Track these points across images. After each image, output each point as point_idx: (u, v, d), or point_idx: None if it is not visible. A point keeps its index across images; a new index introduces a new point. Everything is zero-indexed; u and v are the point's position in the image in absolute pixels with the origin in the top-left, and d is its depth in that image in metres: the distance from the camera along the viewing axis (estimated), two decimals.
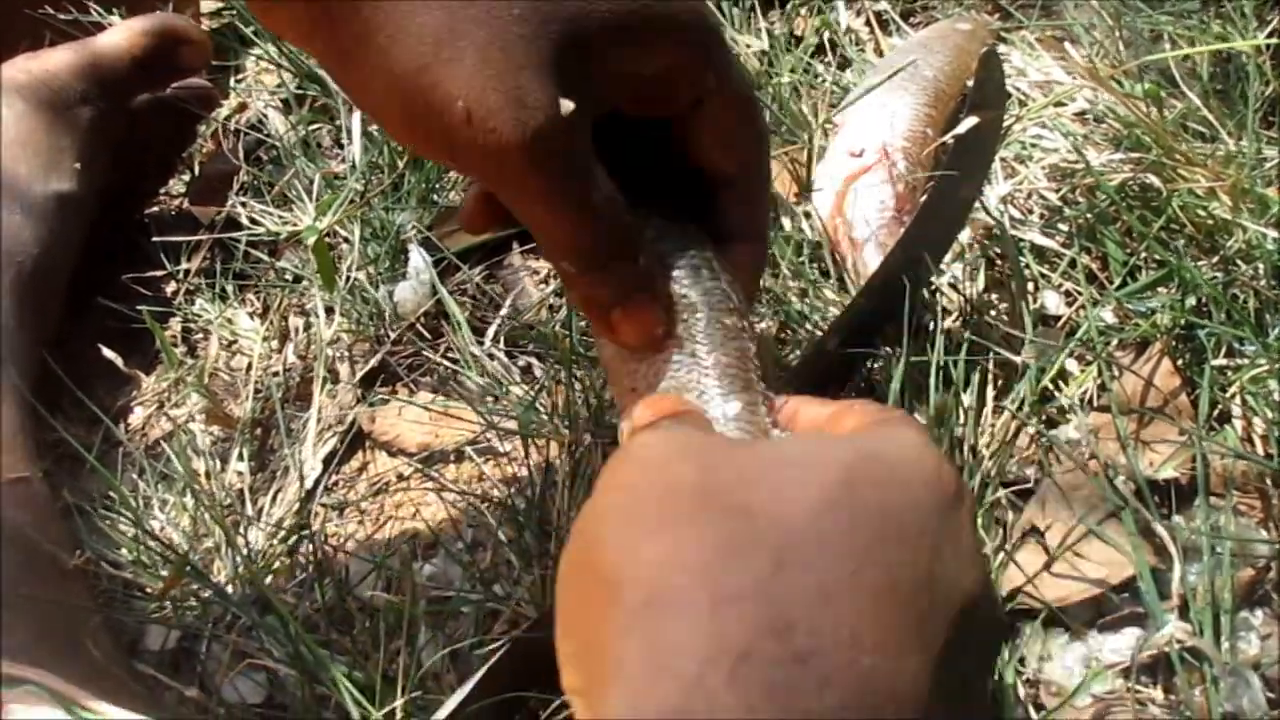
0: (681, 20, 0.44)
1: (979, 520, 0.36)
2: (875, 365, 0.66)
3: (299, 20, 0.42)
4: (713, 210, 0.49)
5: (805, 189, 0.75)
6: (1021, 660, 0.56)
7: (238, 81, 0.99)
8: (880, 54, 0.88)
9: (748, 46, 0.86)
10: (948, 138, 0.62)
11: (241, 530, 0.66)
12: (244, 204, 0.86)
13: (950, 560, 0.33)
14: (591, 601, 0.34)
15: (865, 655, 0.30)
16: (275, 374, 0.77)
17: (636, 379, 0.46)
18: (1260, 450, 0.61)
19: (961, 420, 0.62)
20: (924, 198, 0.71)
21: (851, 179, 0.74)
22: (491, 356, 0.73)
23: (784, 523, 0.32)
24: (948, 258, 0.69)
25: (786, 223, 0.75)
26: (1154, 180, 0.69)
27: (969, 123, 0.63)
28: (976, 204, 0.69)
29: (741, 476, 0.34)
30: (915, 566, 0.32)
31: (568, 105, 0.40)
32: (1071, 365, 0.65)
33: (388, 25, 0.40)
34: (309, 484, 0.70)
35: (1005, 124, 0.73)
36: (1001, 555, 0.58)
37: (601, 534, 0.35)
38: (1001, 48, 0.85)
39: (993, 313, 0.69)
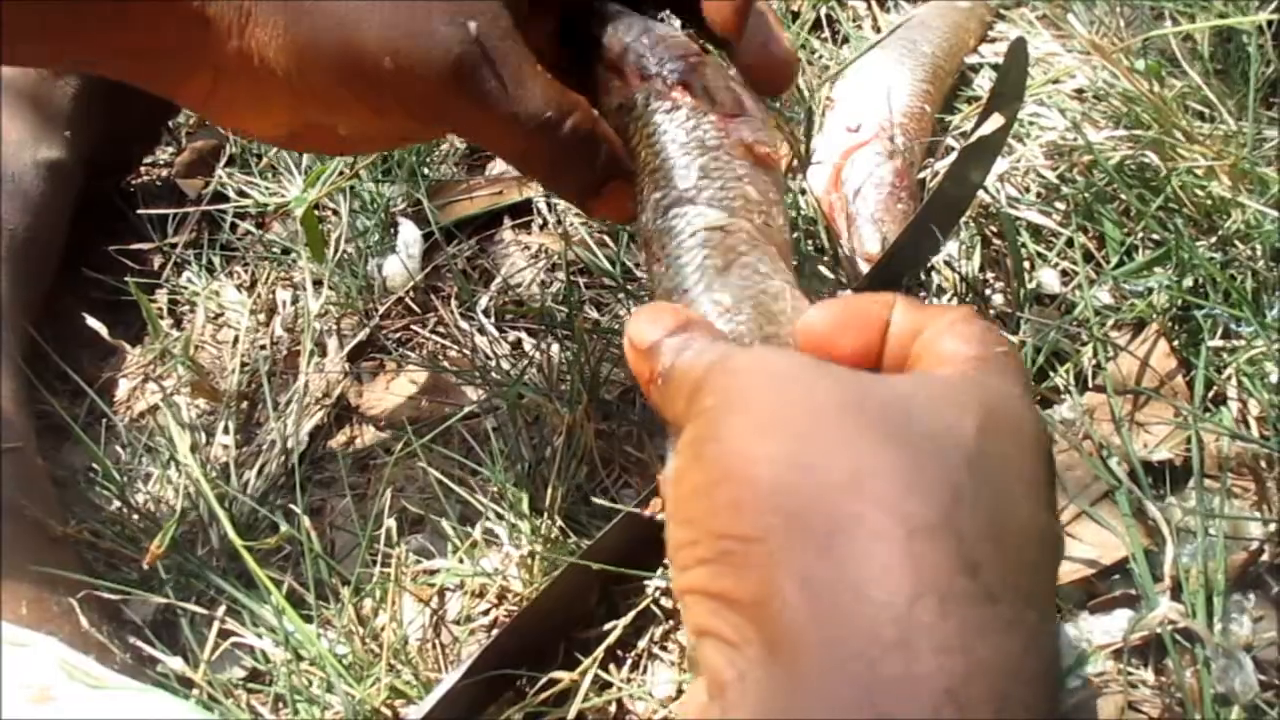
0: None
1: None
2: None
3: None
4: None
5: (803, 163, 0.75)
6: None
7: None
8: (878, 30, 0.87)
9: None
10: (973, 137, 0.61)
11: (227, 503, 0.65)
12: (231, 176, 0.85)
13: (1053, 508, 0.34)
14: (747, 514, 0.32)
15: (1027, 606, 0.31)
16: (262, 347, 0.76)
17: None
18: (1255, 432, 0.61)
19: None
20: (934, 185, 0.70)
21: (848, 154, 0.73)
22: (481, 330, 0.72)
23: (947, 458, 0.32)
24: None
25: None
26: (1153, 159, 0.69)
27: (994, 121, 0.62)
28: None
29: (896, 403, 0.33)
30: (1037, 517, 0.33)
31: (471, 26, 0.44)
32: (1067, 345, 0.64)
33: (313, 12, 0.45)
34: (295, 457, 0.69)
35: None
36: None
37: (745, 449, 0.33)
38: (1000, 25, 0.85)
39: (989, 291, 0.69)
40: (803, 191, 0.73)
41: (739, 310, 0.41)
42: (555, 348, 0.70)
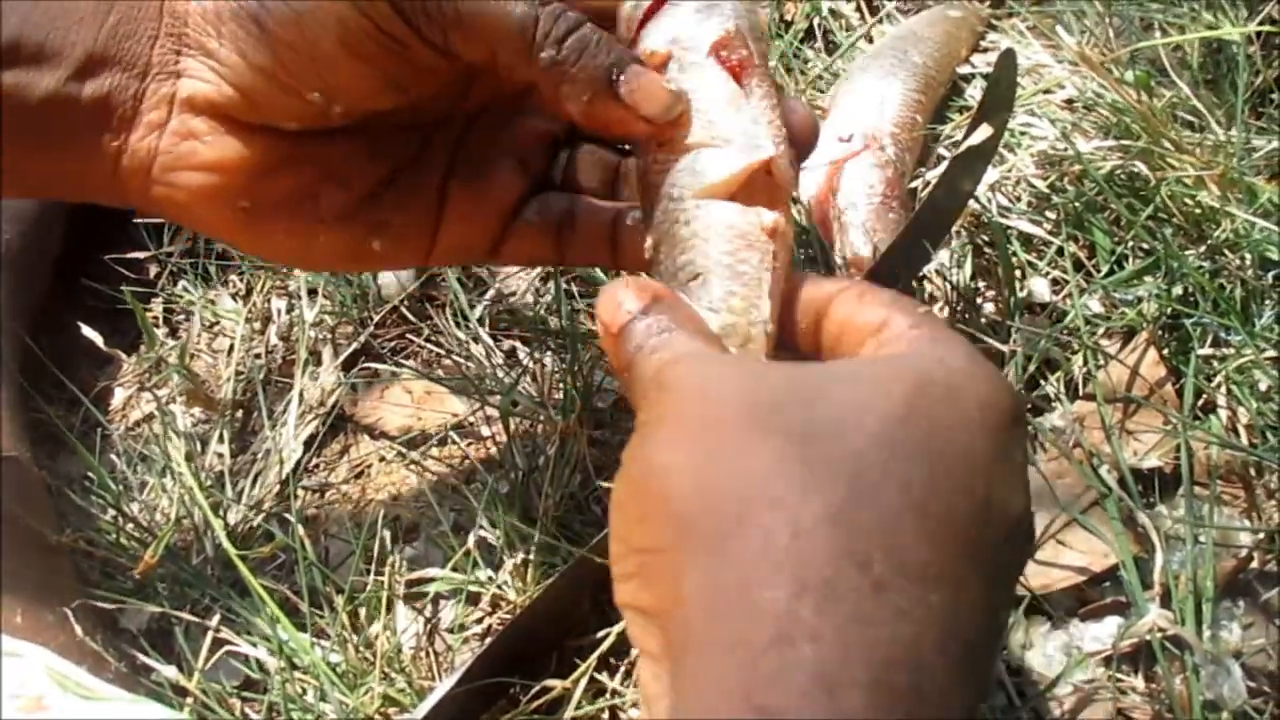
0: None
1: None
2: None
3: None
4: None
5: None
6: (1003, 648, 0.56)
7: None
8: (870, 40, 0.87)
9: None
10: (962, 147, 0.62)
11: (221, 512, 0.65)
12: None
13: (1002, 482, 0.34)
14: (655, 526, 0.34)
15: (932, 590, 0.31)
16: (257, 356, 0.76)
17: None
18: (1245, 440, 0.61)
19: None
20: (925, 194, 0.70)
21: (840, 163, 0.73)
22: (475, 340, 0.73)
23: (849, 448, 0.32)
24: None
25: None
26: (1142, 168, 0.69)
27: (983, 132, 0.62)
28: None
29: (797, 399, 0.34)
30: (972, 494, 0.33)
31: None
32: (1057, 353, 0.65)
33: None
34: (290, 466, 0.69)
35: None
36: None
37: (660, 463, 0.35)
38: (991, 35, 0.85)
39: (980, 300, 0.69)
40: (794, 200, 0.74)
41: (742, 302, 0.42)
42: (549, 357, 0.70)
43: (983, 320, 0.67)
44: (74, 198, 0.55)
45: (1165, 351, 0.64)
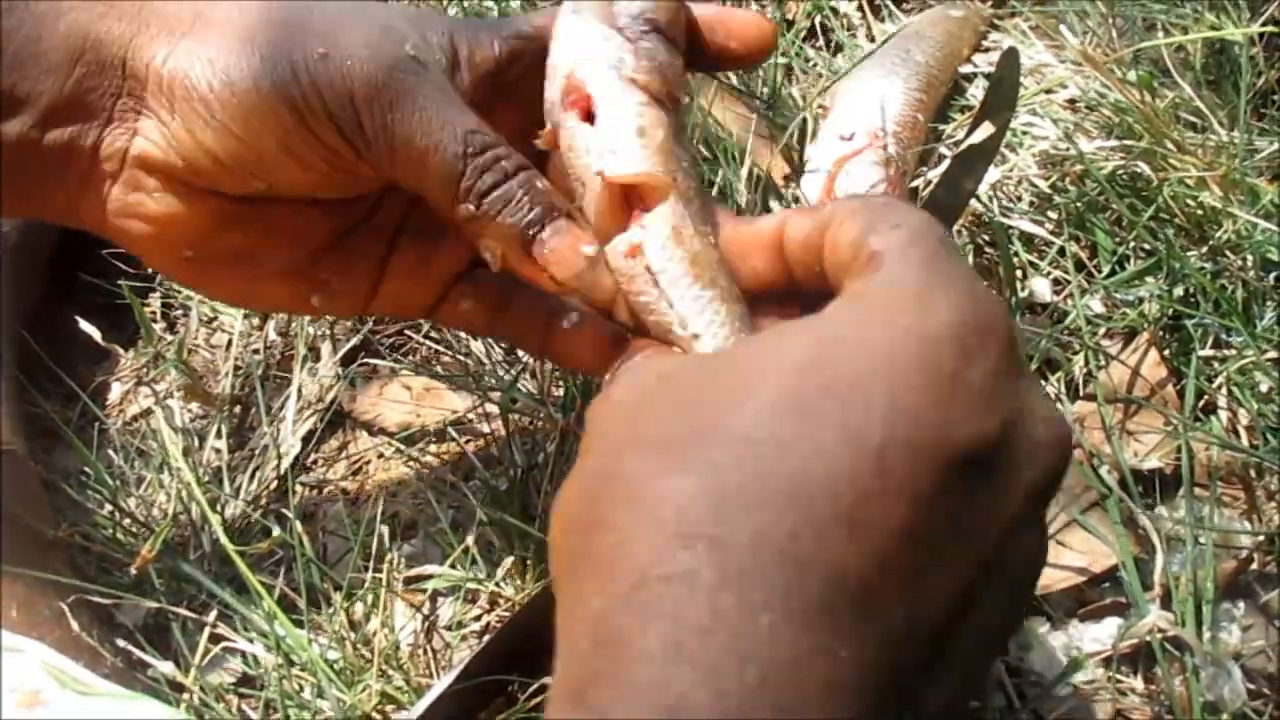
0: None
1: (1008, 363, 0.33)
2: None
3: None
4: None
5: (798, 171, 0.75)
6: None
7: None
8: (872, 39, 0.87)
9: None
10: (964, 146, 0.61)
11: (219, 508, 0.65)
12: None
13: (928, 415, 0.32)
14: (554, 560, 0.36)
15: (767, 555, 0.31)
16: (255, 351, 0.76)
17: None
18: (1245, 441, 0.61)
19: None
20: (927, 193, 0.70)
21: (841, 162, 0.73)
22: (474, 336, 0.72)
23: (698, 438, 0.33)
24: None
25: (774, 206, 0.75)
26: (1144, 169, 0.69)
27: (985, 130, 0.62)
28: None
29: (684, 402, 0.35)
30: (855, 449, 0.31)
31: (408, 44, 0.45)
32: (1058, 353, 0.65)
33: None
34: (288, 462, 0.69)
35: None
36: None
37: (560, 499, 0.36)
38: (994, 34, 0.85)
39: None
40: (796, 199, 0.74)
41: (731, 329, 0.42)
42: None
43: None
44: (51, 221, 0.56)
45: (1166, 352, 0.64)
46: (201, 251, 0.49)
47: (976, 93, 0.82)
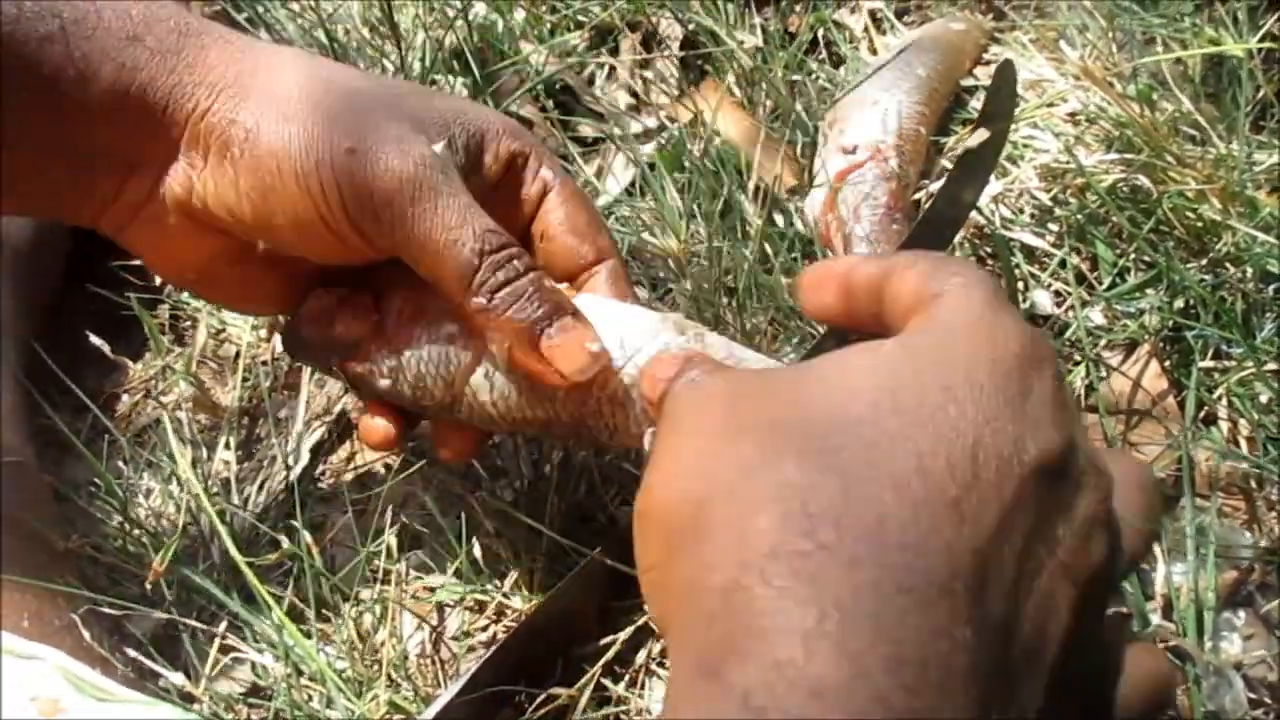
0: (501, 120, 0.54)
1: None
2: None
3: None
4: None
5: (809, 184, 0.76)
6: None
7: None
8: (874, 52, 0.88)
9: (741, 43, 0.86)
10: (961, 149, 0.62)
11: (227, 519, 0.66)
12: None
13: (1008, 427, 0.34)
14: (651, 544, 0.37)
15: (892, 536, 0.32)
16: (263, 362, 0.77)
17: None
18: (1245, 452, 0.61)
19: None
20: (927, 205, 0.71)
21: (844, 176, 0.74)
22: None
23: (807, 429, 0.34)
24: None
25: (779, 219, 0.75)
26: (1144, 182, 0.69)
27: (980, 135, 0.63)
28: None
29: (772, 399, 0.36)
30: (952, 446, 0.33)
31: (439, 144, 0.49)
32: (1060, 365, 0.65)
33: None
34: (296, 473, 0.69)
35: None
36: None
37: (651, 483, 0.37)
38: (994, 48, 0.86)
39: None
40: (799, 212, 0.74)
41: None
42: None
43: None
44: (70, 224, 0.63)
45: (1167, 364, 0.65)
46: (203, 275, 0.55)
47: (977, 105, 0.83)
